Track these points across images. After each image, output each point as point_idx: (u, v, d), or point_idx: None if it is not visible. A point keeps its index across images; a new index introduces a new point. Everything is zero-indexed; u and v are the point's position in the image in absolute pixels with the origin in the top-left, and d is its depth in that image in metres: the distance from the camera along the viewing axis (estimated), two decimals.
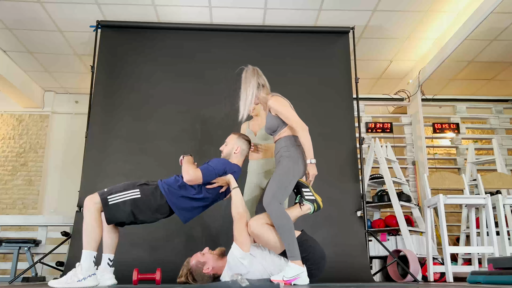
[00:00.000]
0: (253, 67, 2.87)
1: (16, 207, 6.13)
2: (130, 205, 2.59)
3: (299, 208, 2.72)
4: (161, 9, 4.56)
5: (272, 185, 2.59)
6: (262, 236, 2.55)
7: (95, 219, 2.51)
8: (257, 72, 2.85)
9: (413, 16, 4.69)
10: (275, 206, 2.53)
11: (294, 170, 2.63)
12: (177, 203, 2.69)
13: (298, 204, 2.73)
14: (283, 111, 2.71)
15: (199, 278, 2.62)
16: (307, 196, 2.71)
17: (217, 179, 2.74)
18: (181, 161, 2.78)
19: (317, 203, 2.73)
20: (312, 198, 2.71)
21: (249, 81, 2.79)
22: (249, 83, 2.79)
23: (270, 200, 2.54)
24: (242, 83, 2.82)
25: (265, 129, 2.84)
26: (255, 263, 2.55)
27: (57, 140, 6.47)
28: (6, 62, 5.49)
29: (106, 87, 4.37)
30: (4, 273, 5.36)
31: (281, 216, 2.53)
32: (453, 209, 6.03)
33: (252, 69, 2.85)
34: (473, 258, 4.16)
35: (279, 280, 2.43)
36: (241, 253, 2.53)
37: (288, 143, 2.70)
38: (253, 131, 3.22)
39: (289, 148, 2.68)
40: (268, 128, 2.81)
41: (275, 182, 2.60)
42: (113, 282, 2.79)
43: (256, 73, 2.83)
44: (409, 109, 6.22)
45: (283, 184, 2.60)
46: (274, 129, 2.77)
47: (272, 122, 2.76)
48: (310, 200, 2.71)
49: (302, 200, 2.72)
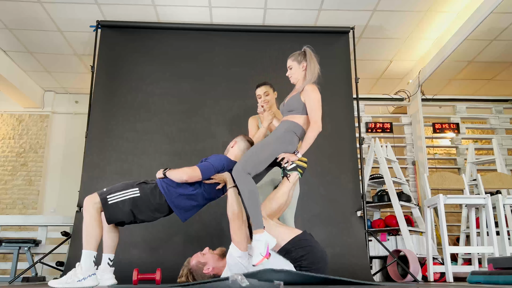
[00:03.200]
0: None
1: (16, 207, 6.13)
2: (130, 204, 2.58)
3: (287, 181, 2.74)
4: (161, 9, 4.56)
5: (247, 153, 2.65)
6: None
7: (95, 219, 2.51)
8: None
9: (413, 16, 4.69)
10: (241, 173, 2.55)
11: (274, 149, 2.65)
12: (176, 202, 2.68)
13: (284, 178, 2.75)
14: (314, 101, 2.71)
15: (199, 278, 2.62)
16: (288, 166, 2.71)
17: (215, 175, 2.75)
18: (165, 173, 2.72)
19: (300, 167, 2.73)
20: (293, 166, 2.71)
21: (315, 60, 2.83)
22: (316, 62, 2.83)
23: (238, 166, 2.57)
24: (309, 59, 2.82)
25: (284, 104, 2.84)
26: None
27: (57, 140, 6.47)
28: (6, 62, 5.50)
29: (106, 87, 4.37)
30: (4, 273, 5.36)
31: (245, 182, 2.53)
32: (453, 209, 6.03)
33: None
34: (473, 258, 4.16)
35: (259, 261, 2.39)
36: (239, 252, 2.53)
37: (292, 128, 2.71)
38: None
39: (289, 131, 2.69)
40: (287, 105, 2.80)
41: (251, 149, 2.66)
42: (113, 282, 2.78)
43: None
44: (409, 109, 6.23)
45: (257, 154, 2.62)
46: (291, 109, 2.76)
47: (295, 103, 2.75)
48: (292, 168, 2.71)
49: (286, 172, 2.73)
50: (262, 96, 3.23)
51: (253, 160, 2.61)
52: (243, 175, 2.55)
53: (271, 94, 3.24)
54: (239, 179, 2.55)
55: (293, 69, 2.87)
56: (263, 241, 2.43)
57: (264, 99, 3.21)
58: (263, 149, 2.67)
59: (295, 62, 2.86)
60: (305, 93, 2.74)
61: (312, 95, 2.72)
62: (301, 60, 2.83)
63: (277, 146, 2.67)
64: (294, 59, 2.87)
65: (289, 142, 2.69)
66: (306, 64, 2.81)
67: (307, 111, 2.72)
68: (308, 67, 2.80)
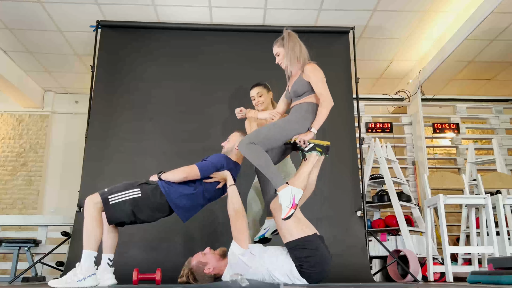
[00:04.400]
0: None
1: (16, 207, 6.12)
2: (131, 204, 2.59)
3: (305, 163, 2.71)
4: (161, 9, 4.56)
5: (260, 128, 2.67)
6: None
7: (95, 219, 2.51)
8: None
9: (413, 16, 4.69)
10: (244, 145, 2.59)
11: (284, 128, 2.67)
12: (177, 202, 2.69)
13: (303, 160, 2.73)
14: (317, 79, 2.72)
15: (200, 278, 2.62)
16: (306, 147, 2.70)
17: (214, 174, 2.75)
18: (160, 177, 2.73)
19: (319, 145, 2.71)
20: (311, 146, 2.70)
21: (297, 40, 2.84)
22: (298, 42, 2.83)
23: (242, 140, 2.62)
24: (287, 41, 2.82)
25: (291, 91, 2.83)
26: (255, 261, 2.55)
27: (57, 140, 6.46)
28: (6, 62, 5.49)
29: (106, 87, 4.37)
30: (4, 273, 5.36)
31: (250, 150, 2.57)
32: (453, 209, 6.03)
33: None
34: (473, 258, 4.16)
35: (286, 213, 2.43)
36: (240, 250, 2.54)
37: (310, 109, 2.72)
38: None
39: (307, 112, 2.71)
40: (294, 91, 2.80)
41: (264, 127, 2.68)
42: (113, 282, 2.79)
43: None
44: (409, 109, 6.23)
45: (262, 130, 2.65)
46: (300, 93, 2.77)
47: (301, 86, 2.75)
48: (310, 148, 2.70)
49: (304, 154, 2.71)
50: (255, 98, 3.22)
51: (257, 133, 2.64)
52: (245, 145, 2.58)
53: (264, 95, 3.22)
54: (243, 150, 2.59)
55: (280, 55, 2.88)
56: (288, 194, 2.46)
57: (257, 100, 3.20)
58: (270, 127, 2.68)
59: (280, 48, 2.86)
60: (306, 73, 2.75)
61: (314, 72, 2.74)
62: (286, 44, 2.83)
63: (289, 125, 2.68)
64: (279, 45, 2.88)
65: (305, 121, 2.70)
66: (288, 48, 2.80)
67: (314, 89, 2.73)
68: (291, 49, 2.79)
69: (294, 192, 2.48)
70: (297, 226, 2.56)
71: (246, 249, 2.55)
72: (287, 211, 2.44)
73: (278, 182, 2.52)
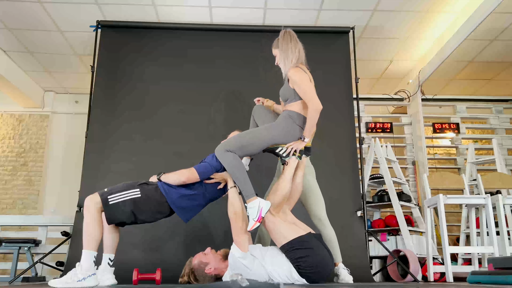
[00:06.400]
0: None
1: (16, 207, 6.12)
2: (131, 205, 2.58)
3: (287, 168, 2.69)
4: (161, 9, 4.56)
5: (240, 134, 2.66)
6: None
7: (95, 219, 2.51)
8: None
9: (413, 16, 4.69)
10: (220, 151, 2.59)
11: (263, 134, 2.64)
12: (177, 203, 2.68)
13: (283, 166, 2.72)
14: (300, 85, 2.64)
15: (201, 278, 2.62)
16: (284, 153, 2.68)
17: (214, 175, 2.74)
18: (160, 178, 2.73)
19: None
20: (288, 152, 2.68)
21: (291, 40, 2.75)
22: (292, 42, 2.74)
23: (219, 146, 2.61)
24: (281, 42, 2.75)
25: (280, 95, 2.80)
26: (256, 263, 2.54)
27: (57, 140, 6.46)
28: (6, 62, 5.49)
29: (106, 87, 4.37)
30: (4, 273, 5.36)
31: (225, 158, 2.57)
32: (453, 209, 6.03)
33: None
34: (473, 258, 4.16)
35: (252, 226, 2.47)
36: (240, 253, 2.53)
37: (291, 116, 2.66)
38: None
39: (287, 120, 2.65)
40: (281, 96, 2.78)
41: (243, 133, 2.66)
42: (113, 282, 2.78)
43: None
44: (409, 109, 6.23)
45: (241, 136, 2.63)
46: (285, 98, 2.74)
47: (287, 92, 2.71)
48: (287, 155, 2.68)
49: (283, 160, 2.70)
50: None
51: (235, 141, 2.62)
52: (222, 152, 2.58)
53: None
54: (219, 156, 2.59)
55: (277, 57, 2.82)
56: (256, 207, 2.48)
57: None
58: (247, 133, 2.69)
59: (276, 49, 2.81)
60: (290, 80, 2.68)
61: (295, 78, 2.64)
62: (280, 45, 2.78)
63: (271, 134, 2.64)
64: (275, 46, 2.82)
65: (290, 134, 2.66)
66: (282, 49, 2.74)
67: (300, 95, 2.67)
68: (284, 51, 2.73)
69: (262, 205, 2.48)
70: (288, 229, 2.56)
71: (246, 252, 2.54)
72: (252, 224, 2.47)
73: (248, 194, 2.53)
